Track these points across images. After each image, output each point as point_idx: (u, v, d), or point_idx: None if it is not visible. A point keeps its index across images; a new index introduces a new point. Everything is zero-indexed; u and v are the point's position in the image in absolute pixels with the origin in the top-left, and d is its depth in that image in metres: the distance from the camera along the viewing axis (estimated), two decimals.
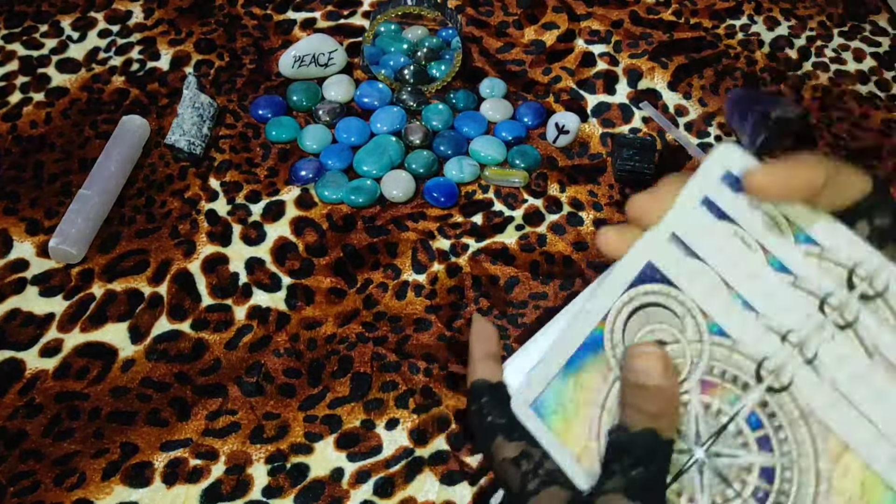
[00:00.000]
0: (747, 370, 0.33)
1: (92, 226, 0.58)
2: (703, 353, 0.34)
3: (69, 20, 0.74)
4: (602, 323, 0.36)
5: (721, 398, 0.34)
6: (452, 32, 0.71)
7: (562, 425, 0.36)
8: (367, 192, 0.61)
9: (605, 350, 0.36)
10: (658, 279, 0.35)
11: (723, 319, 0.34)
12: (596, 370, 0.36)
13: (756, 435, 0.33)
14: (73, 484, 0.47)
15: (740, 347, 0.33)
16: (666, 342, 0.35)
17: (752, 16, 0.78)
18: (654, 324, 0.35)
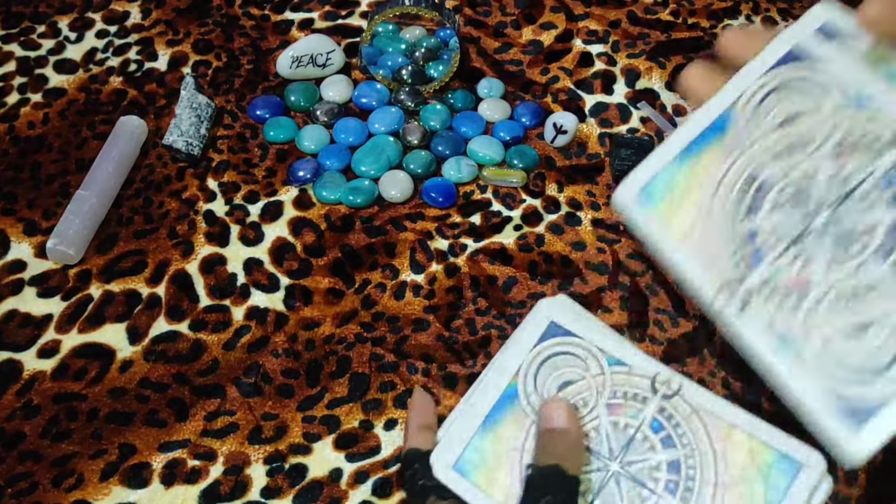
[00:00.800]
0: (644, 387, 0.40)
1: (90, 227, 0.58)
2: (606, 382, 0.41)
3: (67, 21, 0.73)
4: (515, 377, 0.42)
5: (626, 414, 0.40)
6: (450, 33, 0.71)
7: (485, 478, 0.40)
8: (365, 193, 0.61)
9: (520, 400, 0.41)
10: (561, 333, 0.42)
11: (618, 353, 0.42)
12: (512, 420, 0.41)
13: (659, 437, 0.39)
14: (71, 485, 0.47)
15: (635, 371, 0.41)
16: (573, 381, 0.41)
17: (749, 16, 0.78)
18: (562, 368, 0.42)
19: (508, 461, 0.40)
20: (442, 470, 0.41)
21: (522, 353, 0.42)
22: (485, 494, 0.40)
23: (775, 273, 0.34)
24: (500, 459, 0.40)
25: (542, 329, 0.42)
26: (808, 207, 0.34)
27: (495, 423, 0.41)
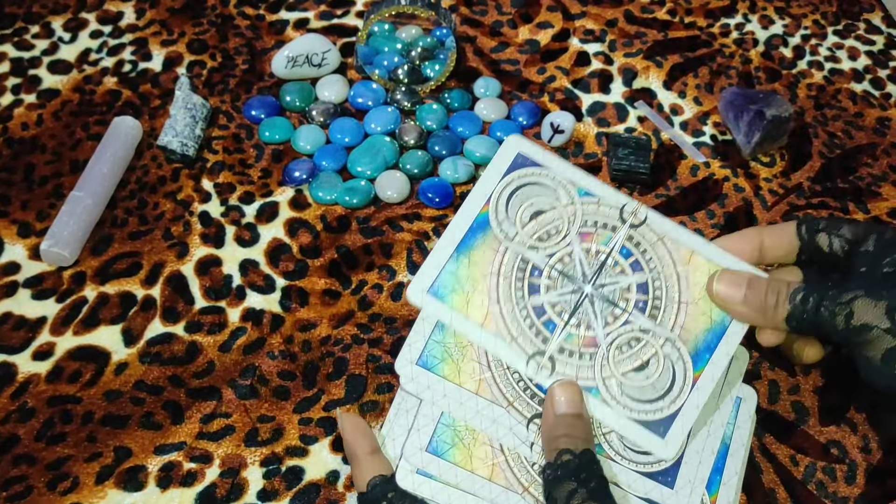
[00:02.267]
0: (612, 216, 0.44)
1: (84, 228, 0.57)
2: (577, 211, 0.43)
3: (60, 21, 0.73)
4: (486, 206, 0.43)
5: (597, 242, 0.43)
6: (446, 32, 0.71)
7: (461, 300, 0.42)
8: (361, 193, 0.60)
9: (492, 227, 0.43)
10: (529, 164, 0.44)
11: (587, 184, 0.44)
12: (486, 246, 0.43)
13: (629, 262, 0.43)
14: (66, 488, 0.47)
15: (604, 201, 0.44)
16: (544, 210, 0.43)
17: (746, 15, 0.78)
18: (532, 198, 0.44)
19: (484, 284, 0.42)
20: (417, 294, 0.42)
21: (492, 182, 0.44)
22: (462, 315, 0.42)
23: (568, 338, 0.42)
24: (476, 283, 0.42)
25: (510, 159, 0.44)
26: (576, 282, 0.42)
27: (468, 248, 0.43)
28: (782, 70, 0.73)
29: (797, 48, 0.75)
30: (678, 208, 0.62)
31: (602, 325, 0.42)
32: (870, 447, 0.50)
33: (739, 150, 0.66)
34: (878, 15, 0.79)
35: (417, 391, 0.42)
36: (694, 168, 0.65)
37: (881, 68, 0.74)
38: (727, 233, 0.60)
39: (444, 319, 0.42)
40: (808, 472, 0.49)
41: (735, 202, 0.63)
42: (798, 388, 0.52)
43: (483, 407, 0.42)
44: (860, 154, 0.67)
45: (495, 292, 0.42)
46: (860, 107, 0.70)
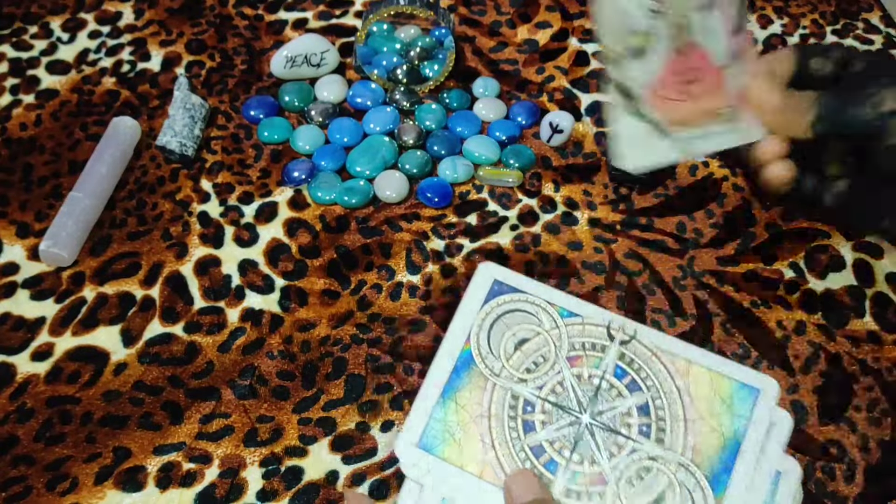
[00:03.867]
0: (600, 335, 0.41)
1: (83, 228, 0.57)
2: (562, 335, 0.41)
3: (59, 21, 0.73)
4: (467, 343, 0.41)
5: (588, 365, 0.40)
6: (445, 32, 0.71)
7: (454, 451, 0.39)
8: (360, 193, 0.60)
9: (476, 364, 0.40)
10: (506, 290, 0.42)
11: (568, 305, 0.42)
12: (472, 385, 0.40)
13: (624, 382, 0.40)
14: (65, 489, 0.47)
15: (589, 320, 0.41)
16: (528, 338, 0.41)
17: None
18: (514, 327, 0.41)
19: (476, 429, 0.39)
20: (407, 449, 0.39)
21: (471, 315, 0.42)
22: (458, 468, 0.38)
23: (573, 478, 0.38)
24: (467, 428, 0.39)
25: (486, 288, 0.42)
26: (572, 413, 0.39)
27: (454, 390, 0.40)
28: None
29: None
30: (677, 208, 0.62)
31: (607, 458, 0.38)
32: (869, 446, 0.50)
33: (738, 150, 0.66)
34: (877, 14, 0.79)
35: (418, 476, 0.39)
36: (693, 167, 0.65)
37: None
38: (726, 232, 0.60)
39: (435, 473, 0.39)
40: (807, 471, 0.49)
41: (734, 202, 0.63)
42: (797, 388, 0.52)
43: (487, 492, 0.38)
44: None
45: (489, 436, 0.39)
46: None
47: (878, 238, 0.55)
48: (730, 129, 0.40)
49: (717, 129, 0.40)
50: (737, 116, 0.40)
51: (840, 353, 0.54)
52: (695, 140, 0.40)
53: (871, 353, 0.54)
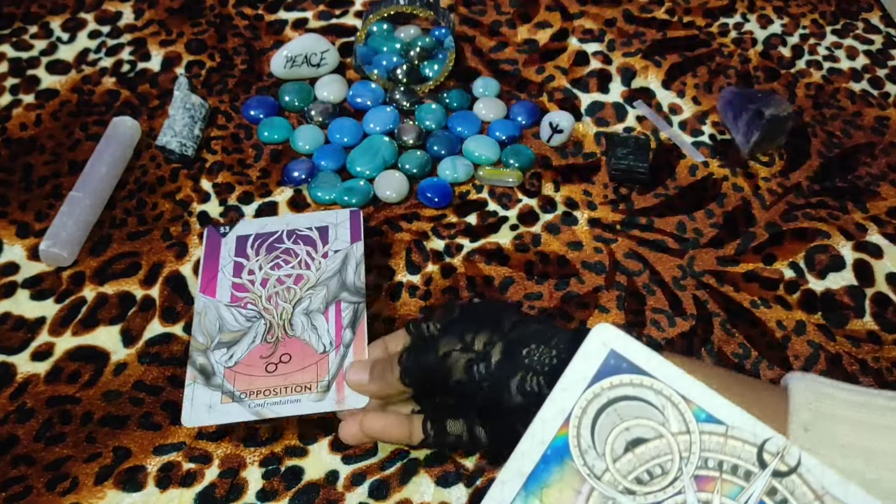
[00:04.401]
0: (747, 457, 0.30)
1: (83, 228, 0.57)
2: (692, 443, 0.31)
3: (59, 21, 0.73)
4: (564, 427, 0.32)
5: (721, 493, 0.31)
6: (445, 32, 0.71)
7: None
8: (360, 193, 0.60)
9: (573, 458, 0.32)
10: (625, 369, 0.32)
11: (709, 405, 0.31)
12: (564, 484, 0.32)
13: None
14: (65, 489, 0.47)
15: (735, 433, 0.31)
16: (646, 439, 0.31)
17: (745, 14, 0.78)
18: (629, 420, 0.32)
19: None
20: None
21: (575, 393, 0.32)
22: None
23: None
24: None
25: (600, 361, 0.32)
26: None
27: (542, 486, 0.32)
28: (781, 69, 0.73)
29: (796, 47, 0.75)
30: (677, 208, 0.62)
31: None
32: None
33: (738, 150, 0.66)
34: (877, 14, 0.79)
35: None
36: (693, 167, 0.65)
37: (880, 67, 0.74)
38: (726, 232, 0.60)
39: None
40: None
41: (734, 202, 0.63)
42: None
43: None
44: (859, 153, 0.67)
45: None
46: (859, 106, 0.70)
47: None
48: (316, 398, 0.46)
49: (296, 397, 0.46)
50: (328, 388, 0.46)
51: (840, 353, 0.54)
52: (269, 405, 0.46)
53: (871, 353, 0.54)
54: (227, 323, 0.50)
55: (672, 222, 0.61)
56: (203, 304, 0.51)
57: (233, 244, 0.55)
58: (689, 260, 0.59)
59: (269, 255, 0.54)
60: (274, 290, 0.52)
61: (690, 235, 0.60)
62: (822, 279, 0.58)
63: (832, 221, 0.62)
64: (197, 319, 0.51)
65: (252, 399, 0.47)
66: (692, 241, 0.60)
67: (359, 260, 0.53)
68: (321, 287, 0.52)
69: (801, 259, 0.59)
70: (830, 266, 0.59)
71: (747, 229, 0.61)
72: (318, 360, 0.49)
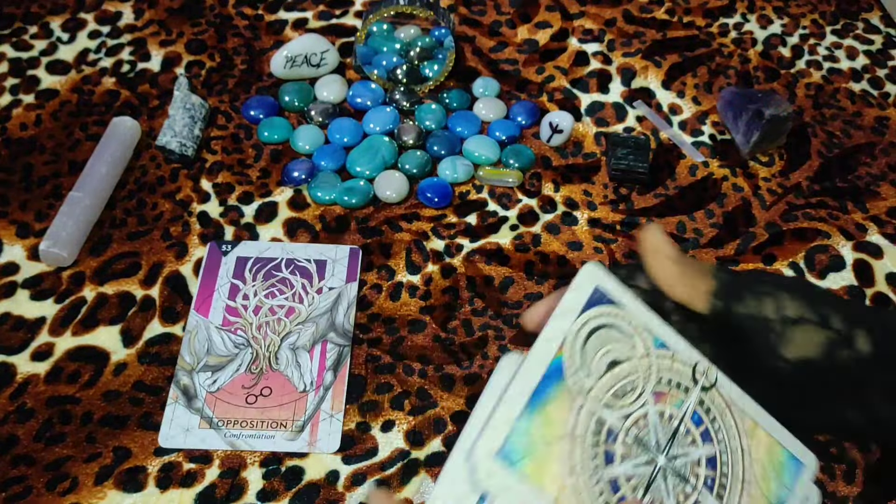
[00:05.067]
0: (685, 375, 0.38)
1: (83, 228, 0.57)
2: (651, 366, 0.37)
3: (59, 21, 0.73)
4: (560, 350, 0.36)
5: (670, 404, 0.37)
6: (445, 32, 0.71)
7: (535, 469, 0.35)
8: (360, 193, 0.60)
9: (567, 376, 0.36)
10: (606, 302, 0.38)
11: (662, 334, 0.38)
12: (561, 400, 0.36)
13: (699, 430, 0.37)
14: (65, 489, 0.47)
15: (678, 356, 0.38)
16: (620, 361, 0.37)
17: (745, 14, 0.78)
18: (609, 344, 0.37)
19: (559, 449, 0.35)
20: (484, 458, 0.35)
21: (568, 320, 0.37)
22: (536, 488, 0.35)
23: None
24: (551, 448, 0.36)
25: (588, 294, 0.37)
26: (650, 452, 0.37)
27: (543, 402, 0.36)
28: (781, 69, 0.73)
29: (796, 48, 0.75)
30: (677, 208, 0.62)
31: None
32: (869, 446, 0.50)
33: (738, 150, 0.66)
34: (877, 14, 0.79)
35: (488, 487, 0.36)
36: (693, 168, 0.65)
37: (880, 67, 0.74)
38: (726, 232, 0.60)
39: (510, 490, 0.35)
40: None
41: (734, 202, 0.63)
42: None
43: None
44: (859, 153, 0.67)
45: (571, 460, 0.36)
46: (859, 106, 0.70)
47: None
48: (290, 437, 0.48)
49: (271, 433, 0.49)
50: (303, 429, 0.49)
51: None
52: (245, 437, 0.48)
53: None
54: (215, 346, 0.52)
55: (672, 222, 0.61)
56: (195, 323, 0.52)
57: (232, 265, 0.55)
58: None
59: (266, 283, 0.55)
60: (265, 320, 0.53)
61: (690, 235, 0.60)
62: (823, 279, 0.58)
63: (832, 221, 0.62)
64: (187, 338, 0.52)
65: (228, 428, 0.49)
66: (692, 241, 0.60)
67: (351, 301, 0.54)
68: (311, 323, 0.53)
69: (801, 259, 0.59)
70: (830, 266, 0.59)
71: (747, 229, 0.61)
72: (297, 398, 0.50)
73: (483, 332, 0.54)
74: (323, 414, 0.49)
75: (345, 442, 0.49)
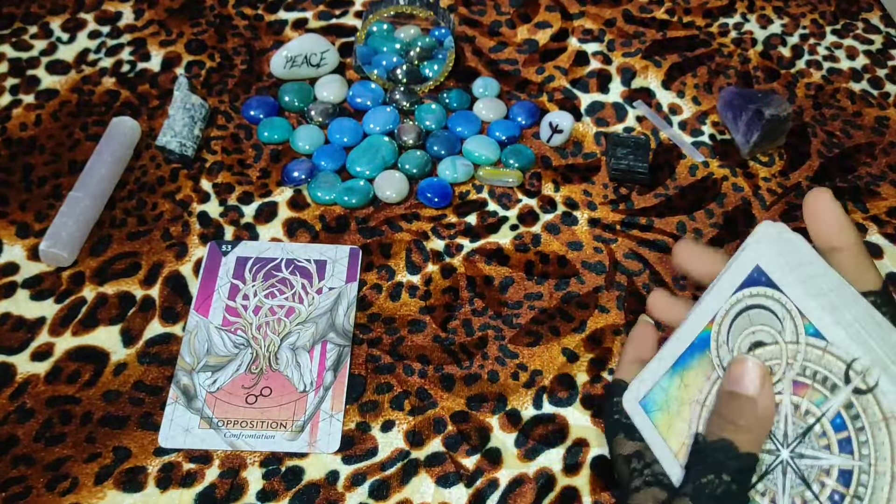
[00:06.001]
0: (837, 372, 0.34)
1: (83, 229, 0.57)
2: (798, 353, 0.35)
3: (59, 21, 0.73)
4: (711, 324, 0.38)
5: (810, 399, 0.34)
6: (445, 32, 0.71)
7: (665, 421, 0.39)
8: (360, 193, 0.60)
9: (711, 349, 0.38)
10: (764, 282, 0.36)
11: (819, 321, 0.34)
12: (701, 369, 0.38)
13: (839, 437, 0.34)
14: (65, 489, 0.47)
15: (832, 349, 0.34)
16: (765, 343, 0.36)
17: (744, 14, 0.78)
18: (756, 325, 0.37)
19: (689, 412, 0.38)
20: (630, 401, 0.41)
21: (723, 297, 0.38)
22: (662, 437, 0.39)
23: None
24: (682, 408, 0.38)
25: (746, 273, 0.37)
26: (774, 440, 0.36)
27: (685, 367, 0.39)
28: (781, 69, 0.73)
29: (795, 47, 0.75)
30: (677, 208, 0.62)
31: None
32: None
33: (738, 150, 0.66)
34: (877, 14, 0.79)
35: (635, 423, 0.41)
36: (693, 168, 0.65)
37: (880, 67, 0.74)
38: (726, 233, 0.60)
39: (643, 432, 0.40)
40: None
41: (734, 202, 0.63)
42: None
43: (675, 472, 0.38)
44: (859, 153, 0.67)
45: (696, 424, 0.37)
46: (859, 106, 0.70)
47: None
48: (290, 437, 0.48)
49: (271, 434, 0.49)
50: (303, 429, 0.49)
51: None
52: (245, 437, 0.48)
53: None
54: (215, 346, 0.52)
55: (672, 222, 0.61)
56: (195, 323, 0.52)
57: (232, 265, 0.55)
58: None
59: (266, 283, 0.55)
60: (265, 320, 0.53)
61: (690, 235, 0.60)
62: None
63: None
64: (186, 338, 0.52)
65: (228, 428, 0.49)
66: None
67: (351, 301, 0.54)
68: (311, 324, 0.53)
69: None
70: None
71: (747, 229, 0.61)
72: (296, 398, 0.50)
73: (483, 332, 0.54)
74: (323, 414, 0.49)
75: (345, 442, 0.49)
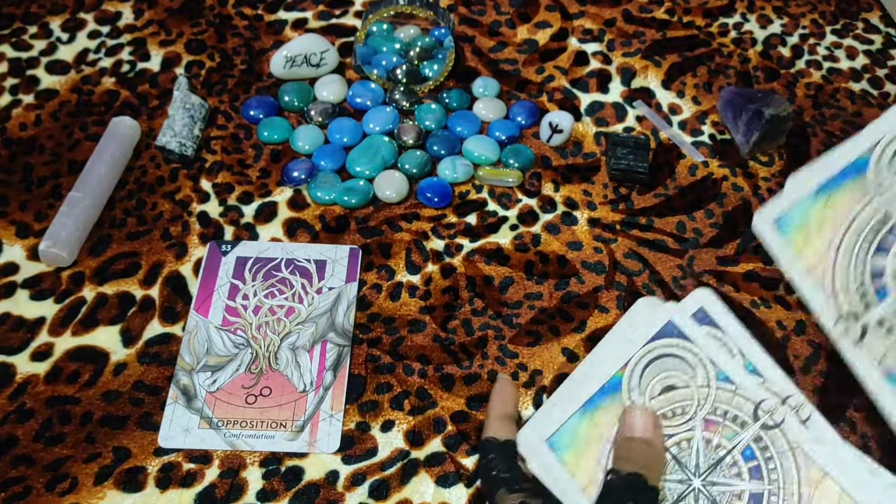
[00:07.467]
0: (746, 410, 0.39)
1: (82, 228, 0.57)
2: (709, 395, 0.40)
3: (59, 21, 0.73)
4: (623, 369, 0.41)
5: (721, 434, 0.39)
6: (445, 32, 0.71)
7: (573, 458, 0.41)
8: (360, 193, 0.60)
9: (623, 392, 0.41)
10: (676, 335, 0.41)
11: (729, 369, 0.40)
12: (611, 409, 0.41)
13: (749, 465, 0.38)
14: (65, 489, 0.47)
15: (741, 392, 0.39)
16: (677, 387, 0.40)
17: (744, 14, 0.78)
18: (668, 371, 0.41)
19: (599, 449, 0.40)
20: (536, 441, 0.42)
21: (634, 346, 0.41)
22: (569, 474, 0.40)
23: (893, 314, 0.38)
24: (592, 445, 0.41)
25: (659, 326, 0.41)
26: (686, 471, 0.39)
27: (595, 408, 0.41)
28: (781, 69, 0.73)
29: (795, 47, 0.75)
30: (677, 208, 0.62)
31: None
32: (869, 446, 0.50)
33: (738, 150, 0.66)
34: (877, 14, 0.79)
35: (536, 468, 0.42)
36: (692, 167, 0.65)
37: (879, 67, 0.74)
38: (726, 232, 0.60)
39: (549, 470, 0.41)
40: None
41: (734, 201, 0.63)
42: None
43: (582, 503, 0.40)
44: None
45: (605, 461, 0.40)
46: (858, 106, 0.70)
47: None
48: (290, 437, 0.48)
49: (270, 434, 0.48)
50: (302, 429, 0.48)
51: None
52: (244, 437, 0.48)
53: None
54: (215, 346, 0.52)
55: (672, 222, 0.61)
56: (195, 323, 0.53)
57: (231, 265, 0.55)
58: (689, 260, 0.59)
59: (265, 283, 0.55)
60: (265, 320, 0.53)
61: (690, 235, 0.60)
62: None
63: None
64: (186, 338, 0.52)
65: (228, 429, 0.49)
66: (692, 241, 0.60)
67: (350, 301, 0.54)
68: (310, 323, 0.53)
69: None
70: None
71: (747, 229, 0.61)
72: (296, 398, 0.50)
73: (483, 332, 0.54)
74: (322, 414, 0.49)
75: (344, 442, 0.49)
